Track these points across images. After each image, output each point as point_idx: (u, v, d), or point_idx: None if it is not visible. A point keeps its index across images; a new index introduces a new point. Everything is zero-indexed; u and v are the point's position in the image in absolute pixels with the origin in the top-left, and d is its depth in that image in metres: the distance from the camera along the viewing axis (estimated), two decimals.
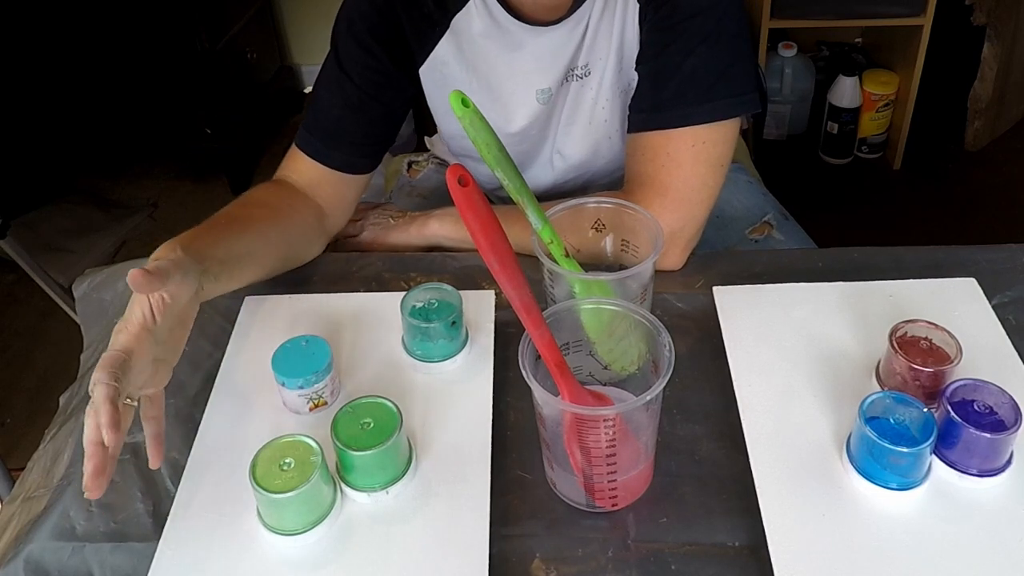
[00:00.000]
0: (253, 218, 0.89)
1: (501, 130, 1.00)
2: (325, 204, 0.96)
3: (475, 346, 0.81)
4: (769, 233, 1.12)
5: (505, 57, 0.95)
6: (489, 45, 0.94)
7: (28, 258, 1.67)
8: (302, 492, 0.64)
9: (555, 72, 0.96)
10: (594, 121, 0.99)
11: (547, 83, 0.97)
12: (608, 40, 0.93)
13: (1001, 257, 0.89)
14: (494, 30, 0.93)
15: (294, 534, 0.66)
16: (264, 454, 0.66)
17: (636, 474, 0.68)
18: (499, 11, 0.91)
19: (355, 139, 0.95)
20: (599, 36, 0.93)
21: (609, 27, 0.92)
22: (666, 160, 0.87)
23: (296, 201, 0.94)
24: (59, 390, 0.88)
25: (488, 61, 0.96)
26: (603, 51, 0.94)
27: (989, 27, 2.17)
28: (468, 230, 0.60)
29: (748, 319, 0.81)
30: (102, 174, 2.45)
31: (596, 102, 0.98)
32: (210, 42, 2.19)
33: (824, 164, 2.38)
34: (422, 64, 0.97)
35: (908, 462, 0.65)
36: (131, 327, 0.69)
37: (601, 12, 0.91)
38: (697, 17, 0.85)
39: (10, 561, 0.68)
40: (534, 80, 0.96)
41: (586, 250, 0.82)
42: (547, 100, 0.98)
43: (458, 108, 0.66)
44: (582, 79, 0.96)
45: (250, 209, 0.90)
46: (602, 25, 0.92)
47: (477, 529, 0.66)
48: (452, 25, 0.94)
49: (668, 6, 0.86)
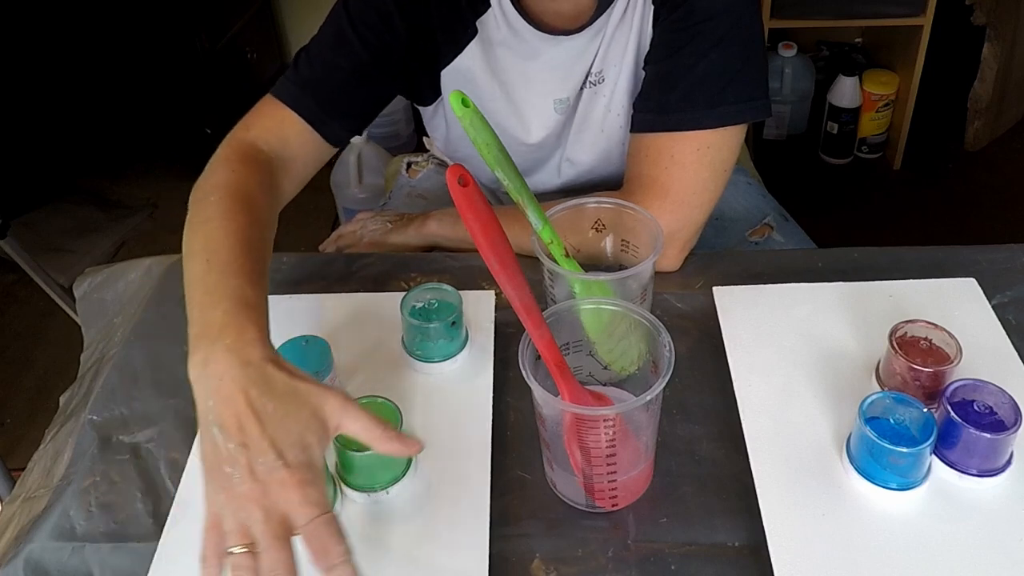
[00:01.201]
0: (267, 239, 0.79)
1: (519, 140, 0.99)
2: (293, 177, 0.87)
3: (475, 346, 0.81)
4: (769, 235, 1.12)
5: (521, 67, 0.94)
6: (507, 54, 0.93)
7: (28, 258, 1.67)
8: None
9: (572, 81, 0.94)
10: (607, 128, 0.98)
11: (565, 93, 0.95)
12: (623, 46, 0.92)
13: (1001, 257, 0.89)
14: (512, 38, 0.92)
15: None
16: None
17: (636, 474, 0.68)
18: (517, 19, 0.90)
19: (354, 112, 0.90)
20: (615, 42, 0.92)
21: (626, 33, 0.91)
22: (669, 163, 0.86)
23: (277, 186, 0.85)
24: (59, 390, 0.88)
25: (507, 70, 0.94)
26: (617, 57, 0.93)
27: (989, 27, 2.17)
28: (468, 230, 0.60)
29: (748, 319, 0.81)
30: (102, 174, 2.45)
31: (609, 109, 0.96)
32: (210, 42, 2.19)
33: (824, 164, 2.38)
34: (447, 65, 0.94)
35: (908, 462, 0.65)
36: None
37: (619, 20, 0.90)
38: (712, 20, 0.84)
39: (10, 561, 0.68)
40: (551, 89, 0.95)
41: (586, 250, 0.82)
42: (564, 110, 0.97)
43: (458, 108, 0.66)
44: (595, 86, 0.95)
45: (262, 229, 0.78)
46: (619, 32, 0.91)
47: (477, 529, 0.66)
48: (480, 30, 0.91)
49: (684, 8, 0.85)
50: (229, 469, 0.57)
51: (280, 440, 0.57)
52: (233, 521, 0.56)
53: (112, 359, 0.85)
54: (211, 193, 0.78)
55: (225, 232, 0.72)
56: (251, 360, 0.61)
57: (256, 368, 0.60)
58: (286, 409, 0.59)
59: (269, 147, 0.86)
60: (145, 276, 0.96)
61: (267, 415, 0.58)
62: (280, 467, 0.57)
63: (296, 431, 0.58)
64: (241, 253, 0.71)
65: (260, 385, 0.59)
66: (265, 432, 0.57)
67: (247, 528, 0.56)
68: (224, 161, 0.83)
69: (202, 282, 0.68)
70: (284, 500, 0.56)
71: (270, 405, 0.59)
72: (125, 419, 0.78)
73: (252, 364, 0.60)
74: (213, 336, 0.62)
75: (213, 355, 0.61)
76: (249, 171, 0.82)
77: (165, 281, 0.93)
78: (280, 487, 0.56)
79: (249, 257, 0.71)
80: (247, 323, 0.63)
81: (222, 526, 0.57)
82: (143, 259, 0.98)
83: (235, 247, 0.71)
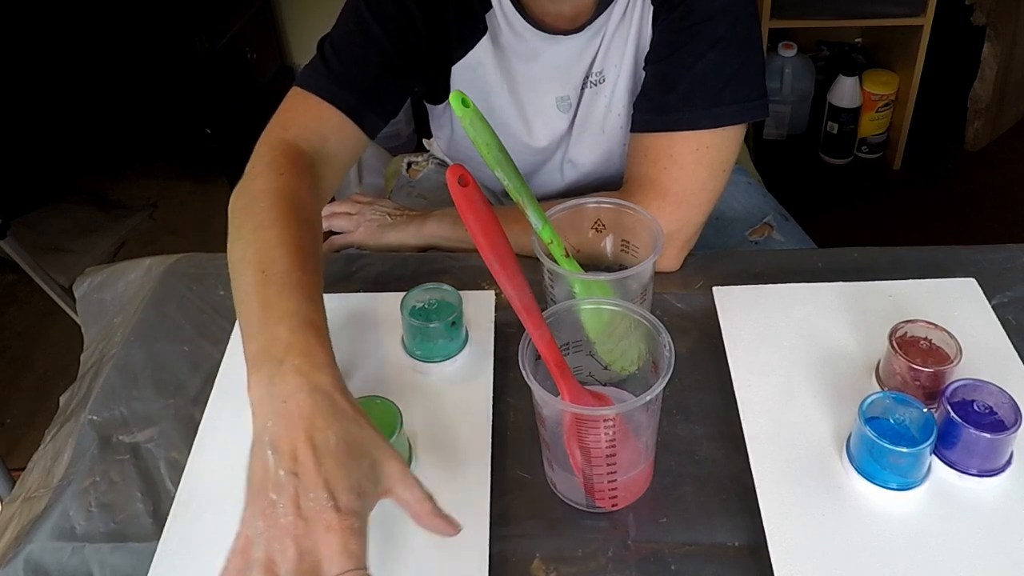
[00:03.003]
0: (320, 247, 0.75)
1: (523, 143, 0.99)
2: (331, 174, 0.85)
3: (475, 346, 0.81)
4: (769, 234, 1.12)
5: (523, 67, 0.94)
6: (508, 54, 0.93)
7: (28, 258, 1.67)
8: None
9: (573, 81, 0.95)
10: (608, 129, 0.98)
11: (566, 91, 0.95)
12: (623, 46, 0.92)
13: (1001, 257, 0.89)
14: (512, 39, 0.92)
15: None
16: None
17: (636, 474, 0.68)
18: (517, 19, 0.90)
19: (387, 103, 0.89)
20: (614, 42, 0.92)
21: (625, 33, 0.91)
22: (668, 163, 0.86)
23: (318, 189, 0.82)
24: (59, 390, 0.88)
25: (512, 71, 0.95)
26: (617, 57, 0.93)
27: (989, 27, 2.17)
28: (468, 230, 0.60)
29: (748, 319, 0.81)
30: (102, 174, 2.45)
31: (610, 109, 0.96)
32: (210, 42, 2.19)
33: (824, 164, 2.38)
34: (458, 61, 0.94)
35: (908, 462, 0.65)
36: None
37: (619, 20, 0.90)
38: (710, 21, 0.84)
39: (10, 561, 0.68)
40: (551, 88, 0.95)
41: (586, 250, 0.82)
42: (567, 108, 0.96)
43: (458, 108, 0.66)
44: (596, 86, 0.95)
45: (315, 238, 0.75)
46: (619, 31, 0.91)
47: (477, 529, 0.66)
48: (489, 26, 0.91)
49: (682, 8, 0.85)
50: (274, 496, 0.53)
51: (336, 480, 0.54)
52: (264, 552, 0.53)
53: (112, 359, 0.85)
54: (260, 199, 0.74)
55: (280, 241, 0.68)
56: (320, 387, 0.57)
57: (325, 397, 0.57)
58: (349, 450, 0.55)
59: (310, 146, 0.83)
60: (145, 276, 0.96)
61: (327, 450, 0.54)
62: (330, 508, 0.53)
63: (355, 477, 0.55)
64: (298, 266, 0.67)
65: (327, 416, 0.56)
66: (321, 468, 0.54)
67: (275, 563, 0.52)
68: (269, 165, 0.79)
69: (259, 294, 0.64)
70: (324, 544, 0.52)
71: (332, 440, 0.55)
72: (125, 419, 0.78)
73: (320, 391, 0.57)
74: (279, 355, 0.59)
75: (280, 375, 0.58)
76: (297, 174, 0.78)
77: (165, 281, 0.93)
78: (324, 530, 0.52)
79: (306, 270, 0.67)
80: (316, 344, 0.60)
81: (251, 552, 0.53)
82: (143, 259, 0.98)
83: (291, 258, 0.67)
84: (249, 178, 0.78)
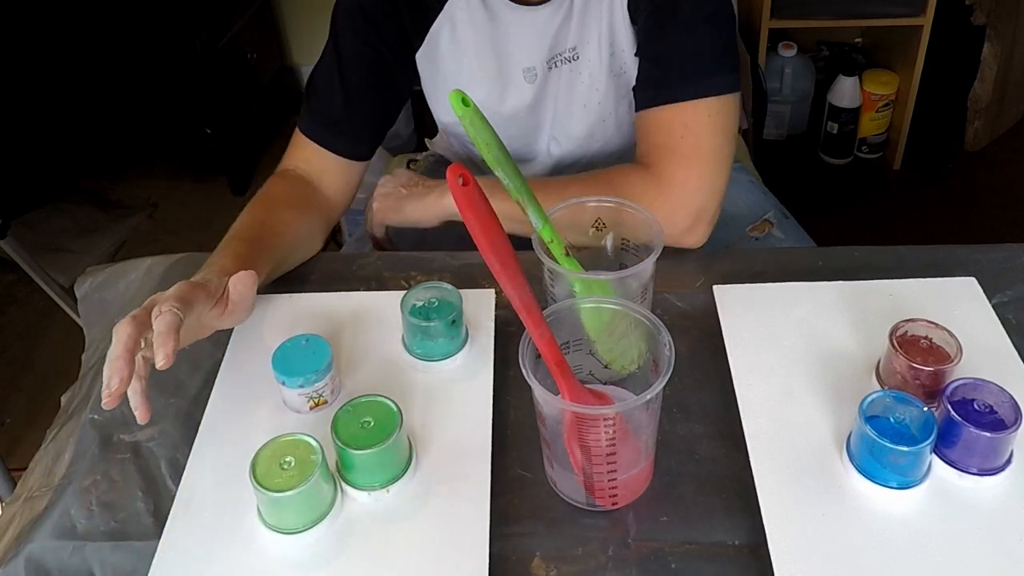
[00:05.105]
0: (284, 225, 0.90)
1: (492, 110, 1.02)
2: (331, 192, 0.99)
3: (475, 345, 0.81)
4: (769, 231, 1.12)
5: (491, 36, 0.98)
6: (477, 24, 0.97)
7: (28, 258, 1.67)
8: (302, 491, 0.64)
9: (540, 52, 0.98)
10: (589, 104, 1.01)
11: (532, 62, 0.99)
12: (598, 23, 0.95)
13: (1001, 257, 0.89)
14: (480, 11, 0.96)
15: (294, 533, 0.66)
16: (264, 453, 0.66)
17: (636, 473, 0.68)
18: None
19: (358, 128, 0.98)
20: (587, 19, 0.95)
21: (598, 9, 0.94)
22: (684, 131, 0.89)
23: (309, 196, 0.97)
24: (59, 390, 0.88)
25: (478, 40, 0.98)
26: (593, 34, 0.96)
27: (989, 27, 2.17)
28: (468, 229, 0.60)
29: (748, 318, 0.81)
30: (102, 174, 2.45)
31: (591, 86, 1.00)
32: (210, 42, 2.19)
33: (824, 164, 2.38)
34: (419, 49, 0.99)
35: (908, 461, 0.65)
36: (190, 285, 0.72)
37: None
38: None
39: (11, 560, 0.68)
40: (518, 59, 0.99)
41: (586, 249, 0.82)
42: (533, 79, 1.00)
43: (458, 107, 0.66)
44: (572, 62, 0.98)
45: (279, 214, 0.91)
46: (589, 7, 0.95)
47: (477, 528, 0.66)
48: (446, 8, 0.96)
49: None
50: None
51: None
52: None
53: None
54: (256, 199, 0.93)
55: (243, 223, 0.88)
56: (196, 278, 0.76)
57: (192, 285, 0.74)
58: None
59: (307, 174, 0.98)
60: (146, 276, 0.96)
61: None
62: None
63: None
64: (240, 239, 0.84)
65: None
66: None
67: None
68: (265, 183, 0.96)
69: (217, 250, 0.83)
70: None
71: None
72: (126, 418, 0.78)
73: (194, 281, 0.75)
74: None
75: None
76: (282, 184, 0.96)
77: (166, 281, 0.93)
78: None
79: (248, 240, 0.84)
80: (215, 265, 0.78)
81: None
82: (144, 259, 0.98)
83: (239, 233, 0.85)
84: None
